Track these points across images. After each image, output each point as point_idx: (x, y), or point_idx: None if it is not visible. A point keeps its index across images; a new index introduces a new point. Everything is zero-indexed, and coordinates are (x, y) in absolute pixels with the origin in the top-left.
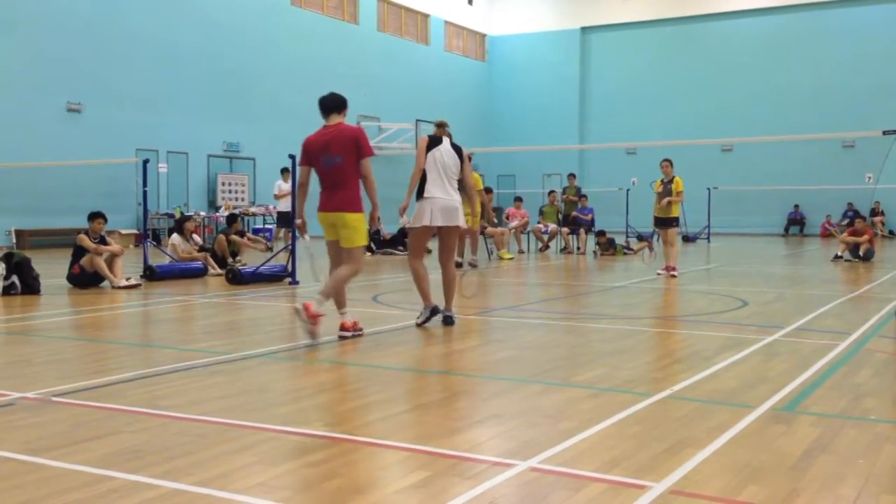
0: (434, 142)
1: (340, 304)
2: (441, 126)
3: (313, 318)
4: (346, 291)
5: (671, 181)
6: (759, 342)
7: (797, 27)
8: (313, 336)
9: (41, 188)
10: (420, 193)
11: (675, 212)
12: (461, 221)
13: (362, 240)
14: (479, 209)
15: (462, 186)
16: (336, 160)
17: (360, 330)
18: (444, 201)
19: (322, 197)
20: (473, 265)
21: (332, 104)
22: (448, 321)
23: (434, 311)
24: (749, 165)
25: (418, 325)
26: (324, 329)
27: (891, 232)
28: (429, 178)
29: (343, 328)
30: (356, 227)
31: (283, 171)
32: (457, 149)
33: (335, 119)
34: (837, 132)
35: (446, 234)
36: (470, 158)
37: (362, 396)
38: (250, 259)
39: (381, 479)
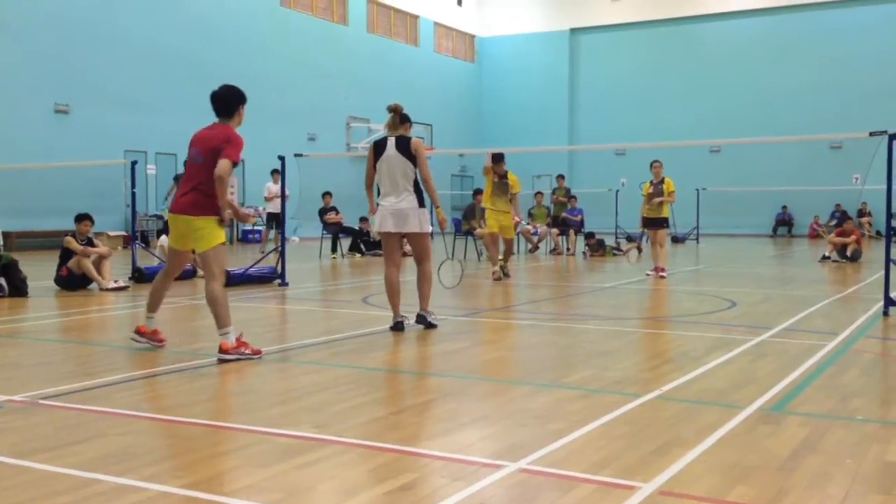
0: (379, 148)
1: (151, 308)
2: (393, 111)
3: (154, 336)
4: (163, 297)
5: (661, 182)
6: (748, 343)
7: (785, 29)
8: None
9: (28, 189)
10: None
11: (665, 212)
12: (415, 227)
13: (211, 241)
14: (499, 213)
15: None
16: (199, 160)
17: (161, 341)
18: (394, 207)
19: (174, 196)
20: (506, 274)
21: (220, 105)
22: (422, 321)
23: (396, 325)
24: (737, 166)
25: (392, 330)
26: (304, 332)
27: (878, 232)
28: (381, 187)
29: (139, 332)
30: (203, 232)
31: (273, 172)
32: (403, 147)
33: (223, 121)
34: (825, 133)
35: (412, 240)
36: (501, 171)
37: (351, 398)
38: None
39: (370, 481)
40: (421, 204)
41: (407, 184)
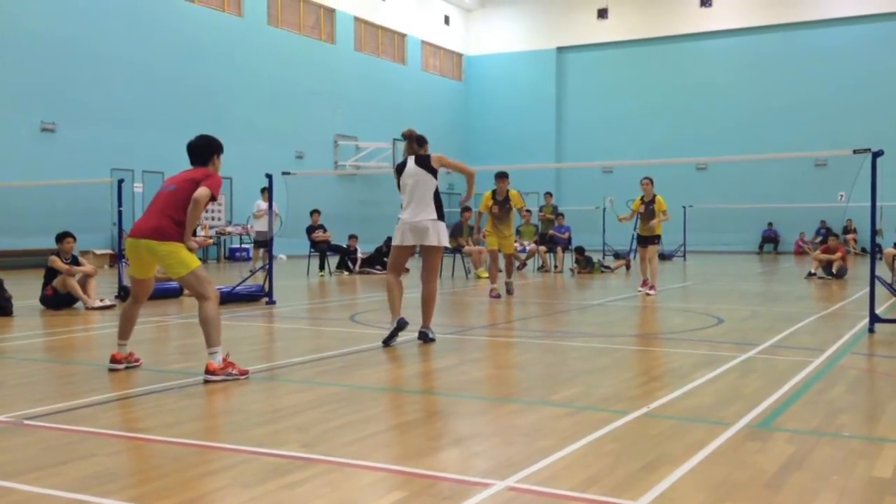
0: (400, 168)
1: (123, 335)
2: (408, 138)
3: (129, 359)
4: (134, 324)
5: (652, 200)
6: (735, 359)
7: (770, 47)
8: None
9: (14, 208)
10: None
11: (659, 230)
12: (433, 240)
13: (189, 263)
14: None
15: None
16: (170, 187)
17: (137, 360)
18: (414, 222)
19: (136, 222)
20: (509, 292)
21: (194, 155)
22: (423, 338)
23: (399, 323)
24: (724, 184)
25: (384, 344)
26: (292, 350)
27: (863, 249)
28: (403, 200)
29: (114, 359)
30: (172, 259)
31: (263, 190)
32: (423, 163)
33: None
34: (810, 151)
35: (426, 253)
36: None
37: (339, 417)
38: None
39: (358, 500)
40: (440, 217)
41: (427, 196)
